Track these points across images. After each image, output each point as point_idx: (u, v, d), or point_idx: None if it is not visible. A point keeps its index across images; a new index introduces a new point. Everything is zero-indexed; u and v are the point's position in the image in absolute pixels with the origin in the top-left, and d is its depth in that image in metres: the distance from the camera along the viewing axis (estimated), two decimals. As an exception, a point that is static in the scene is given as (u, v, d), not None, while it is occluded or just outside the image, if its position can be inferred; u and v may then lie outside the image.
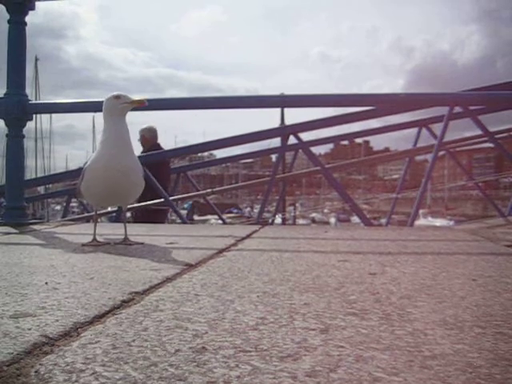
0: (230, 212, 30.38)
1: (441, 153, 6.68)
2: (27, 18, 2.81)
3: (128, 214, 2.20)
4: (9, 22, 2.78)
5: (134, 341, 0.76)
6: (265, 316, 0.90)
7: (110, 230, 2.49)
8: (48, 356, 0.70)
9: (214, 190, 9.23)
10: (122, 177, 1.83)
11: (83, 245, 1.88)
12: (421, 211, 20.33)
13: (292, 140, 5.96)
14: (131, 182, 1.89)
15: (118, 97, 1.86)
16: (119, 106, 1.84)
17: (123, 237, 1.96)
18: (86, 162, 1.95)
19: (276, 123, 7.91)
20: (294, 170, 9.01)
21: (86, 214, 8.28)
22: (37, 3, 2.85)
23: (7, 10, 2.77)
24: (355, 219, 17.81)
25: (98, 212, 2.14)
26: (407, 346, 0.74)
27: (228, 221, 11.07)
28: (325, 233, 2.45)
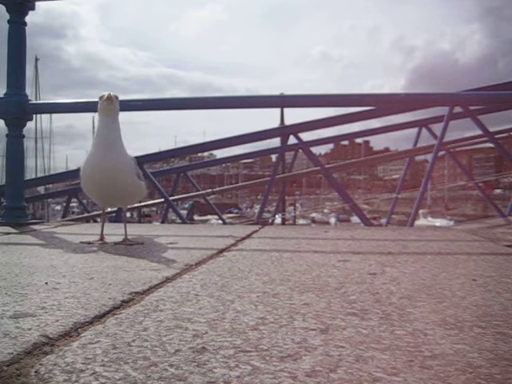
0: (230, 212, 30.34)
1: (441, 153, 6.69)
2: (27, 18, 2.81)
3: (128, 214, 2.16)
4: (9, 21, 2.77)
5: (133, 341, 0.76)
6: (265, 316, 0.90)
7: (109, 230, 2.49)
8: (48, 356, 0.70)
9: (214, 190, 9.24)
10: (107, 176, 1.82)
11: (89, 243, 1.91)
12: (421, 211, 20.32)
13: (292, 140, 5.97)
14: (118, 181, 1.85)
15: (100, 97, 1.86)
16: (101, 106, 1.85)
17: (123, 237, 1.95)
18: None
19: (276, 123, 7.91)
20: (293, 170, 9.02)
21: (86, 214, 8.29)
22: (37, 3, 2.84)
23: (7, 10, 2.76)
24: (355, 219, 17.81)
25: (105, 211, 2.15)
26: (407, 346, 0.74)
27: (228, 221, 11.07)
28: (325, 233, 2.45)
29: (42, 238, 2.16)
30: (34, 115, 2.98)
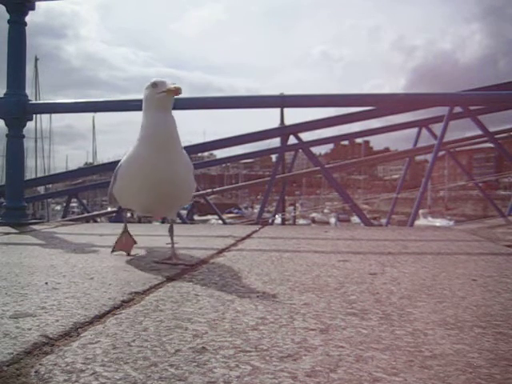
0: (230, 212, 30.37)
1: (441, 153, 6.69)
2: (27, 18, 2.81)
3: (128, 214, 1.94)
4: (9, 21, 2.78)
5: (134, 341, 0.76)
6: (265, 316, 0.90)
7: (109, 230, 2.50)
8: (48, 356, 0.70)
9: (214, 190, 9.24)
10: (166, 183, 1.45)
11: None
12: (421, 211, 20.32)
13: (292, 140, 5.97)
14: (178, 187, 1.50)
15: (155, 84, 1.48)
16: (156, 96, 1.46)
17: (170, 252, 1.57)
18: (120, 160, 1.58)
19: (276, 123, 7.92)
20: (293, 170, 9.03)
21: (86, 214, 8.30)
22: (37, 3, 2.85)
23: (7, 10, 2.77)
24: (355, 219, 17.80)
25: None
26: (407, 346, 0.74)
27: (228, 221, 11.08)
28: (325, 233, 2.45)
29: (42, 238, 2.16)
30: (34, 115, 2.99)
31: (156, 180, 1.45)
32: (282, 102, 3.31)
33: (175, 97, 1.46)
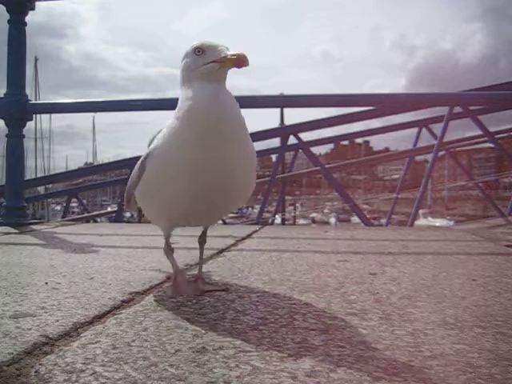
0: (230, 212, 30.30)
1: (441, 153, 6.69)
2: (27, 18, 2.82)
3: (128, 214, 1.40)
4: (9, 21, 2.78)
5: (134, 341, 0.76)
6: (265, 316, 0.90)
7: (109, 230, 2.50)
8: (48, 356, 0.70)
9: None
10: (222, 179, 1.02)
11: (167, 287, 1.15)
12: (421, 211, 20.31)
13: (292, 140, 5.98)
14: (236, 186, 1.07)
15: (199, 50, 1.04)
16: (200, 70, 1.03)
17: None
18: (152, 143, 1.10)
19: (276, 123, 7.92)
20: (293, 170, 9.03)
21: (86, 214, 8.30)
22: (37, 3, 2.85)
23: (7, 10, 2.77)
24: (355, 219, 17.80)
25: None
26: (407, 346, 0.74)
27: (228, 221, 11.08)
28: (325, 233, 2.45)
29: (42, 238, 2.16)
30: (34, 115, 2.99)
31: (209, 176, 1.00)
32: (282, 101, 3.31)
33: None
